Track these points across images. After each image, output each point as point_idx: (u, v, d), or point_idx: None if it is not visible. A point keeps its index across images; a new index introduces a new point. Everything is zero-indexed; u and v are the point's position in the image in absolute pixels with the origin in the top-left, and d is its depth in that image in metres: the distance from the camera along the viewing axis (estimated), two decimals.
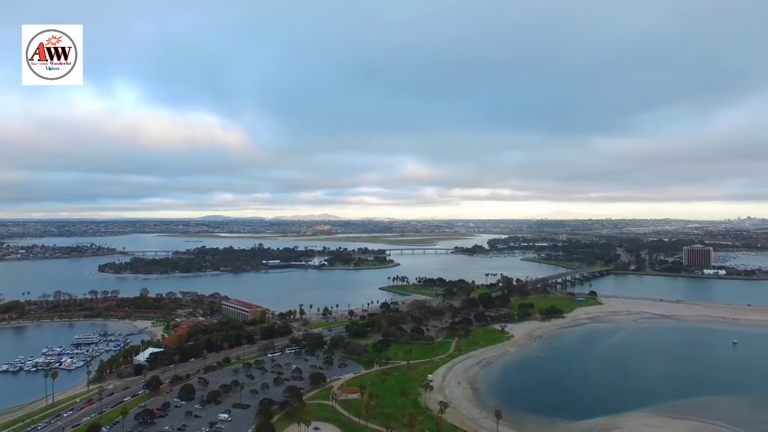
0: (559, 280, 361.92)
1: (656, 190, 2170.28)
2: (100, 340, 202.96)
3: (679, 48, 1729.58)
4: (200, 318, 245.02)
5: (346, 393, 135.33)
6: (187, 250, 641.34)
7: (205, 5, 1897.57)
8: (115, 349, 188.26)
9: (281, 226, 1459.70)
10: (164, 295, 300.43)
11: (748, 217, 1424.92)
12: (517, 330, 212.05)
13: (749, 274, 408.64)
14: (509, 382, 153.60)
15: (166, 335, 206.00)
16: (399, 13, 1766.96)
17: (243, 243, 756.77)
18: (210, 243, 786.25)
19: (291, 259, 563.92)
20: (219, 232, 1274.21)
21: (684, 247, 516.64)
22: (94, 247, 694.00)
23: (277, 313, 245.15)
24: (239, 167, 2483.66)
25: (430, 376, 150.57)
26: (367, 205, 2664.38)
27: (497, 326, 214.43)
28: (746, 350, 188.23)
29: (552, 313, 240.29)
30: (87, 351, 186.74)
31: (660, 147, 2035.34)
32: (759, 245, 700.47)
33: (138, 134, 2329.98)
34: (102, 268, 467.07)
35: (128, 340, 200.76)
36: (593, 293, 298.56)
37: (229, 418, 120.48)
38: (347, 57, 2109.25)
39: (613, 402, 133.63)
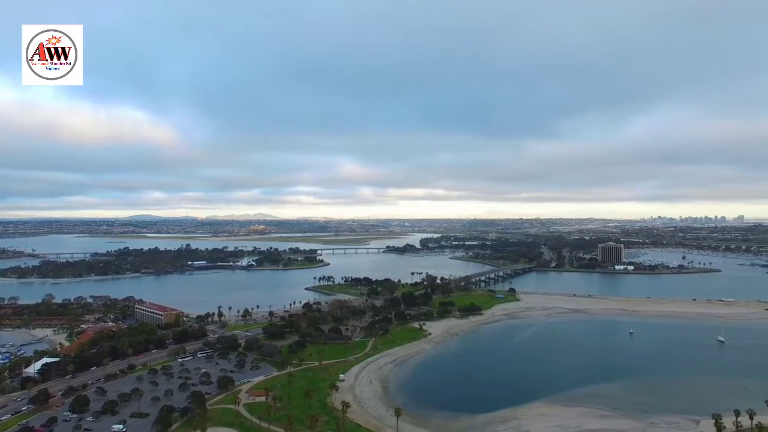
0: (483, 278, 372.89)
1: (580, 191, 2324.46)
2: None
3: (594, 59, 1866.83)
4: (109, 323, 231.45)
5: (253, 396, 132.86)
6: (108, 251, 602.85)
7: None
8: (2, 362, 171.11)
9: (213, 226, 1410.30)
10: (72, 300, 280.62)
11: (659, 217, 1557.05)
12: (436, 327, 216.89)
13: (653, 269, 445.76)
14: (421, 380, 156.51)
15: (68, 343, 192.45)
16: (332, 14, 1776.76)
17: (171, 243, 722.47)
18: (135, 244, 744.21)
19: (219, 260, 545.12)
20: (146, 233, 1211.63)
21: (599, 245, 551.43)
22: None
23: (194, 315, 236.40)
24: (169, 165, 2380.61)
25: (342, 376, 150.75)
26: (303, 205, 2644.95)
27: (416, 324, 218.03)
28: (639, 339, 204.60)
29: (471, 310, 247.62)
30: None
31: (582, 150, 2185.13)
32: (664, 242, 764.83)
33: (56, 128, 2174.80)
34: (3, 273, 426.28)
35: (21, 351, 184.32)
36: (512, 290, 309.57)
37: (124, 429, 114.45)
38: (280, 55, 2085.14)
39: (516, 394, 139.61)
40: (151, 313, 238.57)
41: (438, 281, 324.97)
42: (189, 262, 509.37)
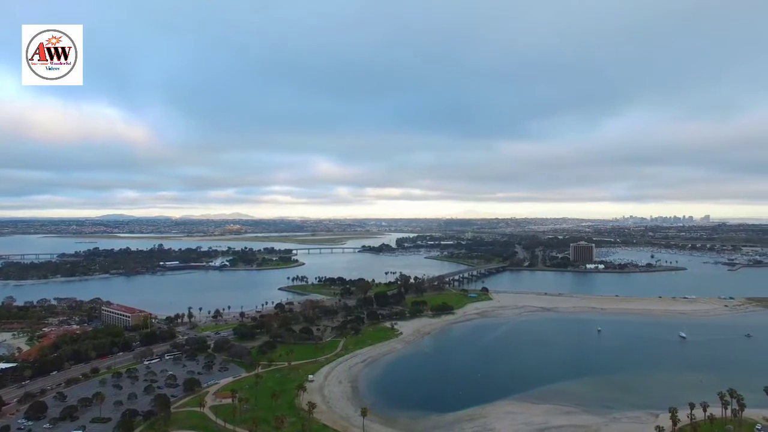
0: (457, 278, 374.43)
1: (555, 191, 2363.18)
2: None
3: (568, 62, 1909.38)
4: (74, 326, 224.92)
5: (219, 398, 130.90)
6: (76, 252, 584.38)
7: None
8: None
9: (188, 226, 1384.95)
10: (35, 303, 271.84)
11: (631, 216, 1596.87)
12: (407, 327, 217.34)
13: (622, 268, 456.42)
14: (390, 379, 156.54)
15: (28, 348, 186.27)
16: (309, 14, 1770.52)
17: (143, 243, 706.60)
18: (105, 244, 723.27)
19: (192, 260, 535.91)
20: (118, 233, 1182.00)
21: (571, 244, 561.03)
22: None
23: (163, 317, 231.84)
24: (143, 164, 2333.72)
25: (311, 377, 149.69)
26: (280, 204, 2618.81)
27: (388, 324, 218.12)
28: (607, 336, 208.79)
29: (443, 309, 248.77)
30: None
31: (556, 151, 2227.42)
32: (635, 241, 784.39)
33: (23, 125, 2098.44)
34: None
35: None
36: (485, 289, 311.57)
37: None
38: (257, 55, 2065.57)
39: (484, 392, 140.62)
40: (118, 315, 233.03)
41: (411, 281, 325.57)
42: (161, 263, 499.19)
